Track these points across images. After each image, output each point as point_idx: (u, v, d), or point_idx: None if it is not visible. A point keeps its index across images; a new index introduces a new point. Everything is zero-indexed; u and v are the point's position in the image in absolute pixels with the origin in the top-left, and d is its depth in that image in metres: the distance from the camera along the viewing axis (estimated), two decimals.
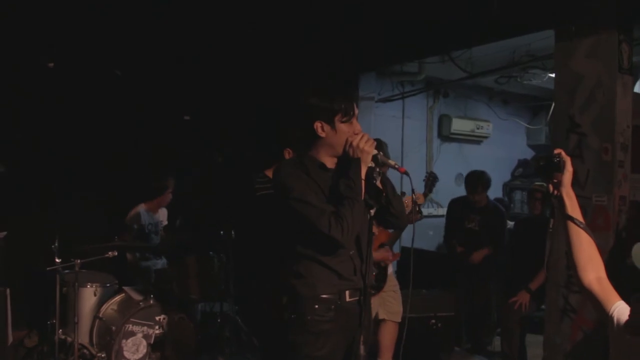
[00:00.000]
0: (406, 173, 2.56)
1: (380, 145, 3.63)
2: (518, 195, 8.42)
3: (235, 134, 5.98)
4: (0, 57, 4.80)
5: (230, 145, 5.77)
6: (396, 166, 2.60)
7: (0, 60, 4.80)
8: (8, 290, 4.06)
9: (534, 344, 5.09)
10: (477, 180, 5.55)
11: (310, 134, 2.59)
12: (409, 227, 4.20)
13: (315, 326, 2.54)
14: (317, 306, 2.54)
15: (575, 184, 4.11)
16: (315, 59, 5.79)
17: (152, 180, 5.39)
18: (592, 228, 3.98)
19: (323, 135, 2.58)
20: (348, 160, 2.56)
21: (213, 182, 5.55)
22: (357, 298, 2.61)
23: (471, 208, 5.59)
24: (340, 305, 2.57)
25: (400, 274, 4.51)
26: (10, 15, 4.75)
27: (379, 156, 2.56)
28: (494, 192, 7.99)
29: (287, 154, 3.50)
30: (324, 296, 2.55)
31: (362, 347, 2.56)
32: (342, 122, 2.58)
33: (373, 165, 2.56)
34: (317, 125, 2.56)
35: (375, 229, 3.63)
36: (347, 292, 2.59)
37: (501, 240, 5.51)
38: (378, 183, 2.62)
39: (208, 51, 5.56)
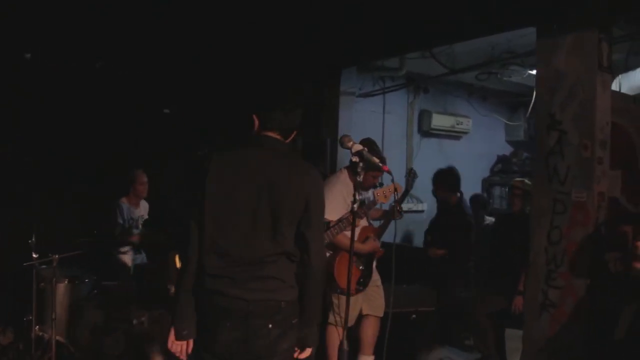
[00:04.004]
0: (389, 172, 2.60)
1: (370, 143, 3.65)
2: (497, 191, 8.51)
3: (217, 130, 5.93)
4: None
5: (211, 140, 5.73)
6: (379, 164, 2.63)
7: None
8: None
9: (513, 338, 5.16)
10: (434, 179, 5.71)
11: None
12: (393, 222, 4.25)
13: None
14: None
15: (555, 180, 4.21)
16: (298, 54, 5.77)
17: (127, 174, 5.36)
18: (571, 224, 4.10)
19: None
20: None
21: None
22: None
23: (443, 206, 5.76)
24: None
25: (381, 269, 4.51)
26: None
27: (364, 152, 2.57)
28: (473, 187, 8.07)
29: None
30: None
31: (345, 343, 2.57)
32: None
33: (358, 160, 2.58)
34: None
35: (357, 221, 3.65)
36: None
37: (461, 241, 5.57)
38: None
39: (187, 42, 5.51)
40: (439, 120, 7.79)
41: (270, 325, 2.37)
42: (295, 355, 2.55)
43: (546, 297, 4.25)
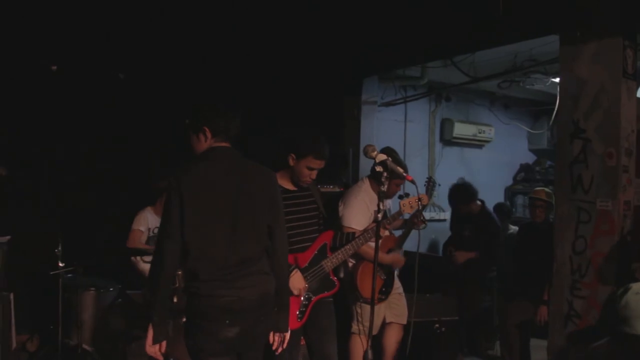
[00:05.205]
0: (412, 181, 2.62)
1: (391, 152, 3.65)
2: (520, 200, 8.44)
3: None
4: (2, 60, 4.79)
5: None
6: (403, 174, 2.64)
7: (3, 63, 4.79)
8: (12, 295, 4.05)
9: (538, 349, 5.09)
10: (452, 196, 5.78)
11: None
12: (415, 231, 4.25)
13: None
14: None
15: (579, 189, 4.16)
16: (320, 64, 5.80)
17: (151, 184, 5.38)
18: (596, 233, 4.05)
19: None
20: None
21: None
22: None
23: (465, 217, 5.75)
24: None
25: (403, 278, 4.49)
26: (13, 17, 4.75)
27: (387, 162, 2.59)
28: (496, 196, 8.01)
29: (292, 160, 3.47)
30: None
31: (370, 352, 2.57)
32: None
33: (382, 170, 2.60)
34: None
35: (381, 232, 3.65)
36: None
37: (490, 245, 5.57)
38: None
39: (210, 52, 5.55)
40: (461, 129, 7.75)
41: (262, 318, 2.67)
42: (276, 346, 2.83)
43: (571, 307, 4.20)
